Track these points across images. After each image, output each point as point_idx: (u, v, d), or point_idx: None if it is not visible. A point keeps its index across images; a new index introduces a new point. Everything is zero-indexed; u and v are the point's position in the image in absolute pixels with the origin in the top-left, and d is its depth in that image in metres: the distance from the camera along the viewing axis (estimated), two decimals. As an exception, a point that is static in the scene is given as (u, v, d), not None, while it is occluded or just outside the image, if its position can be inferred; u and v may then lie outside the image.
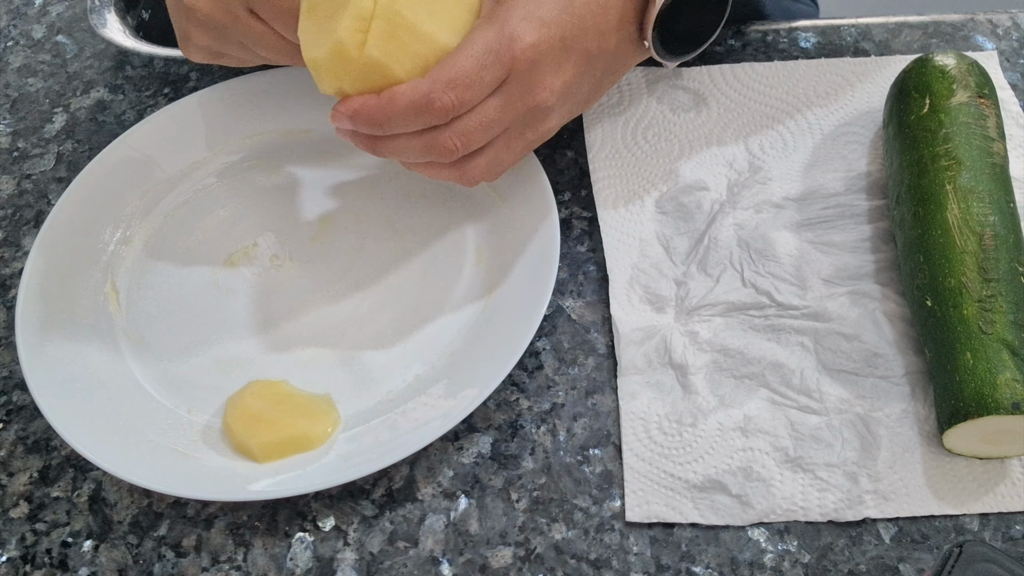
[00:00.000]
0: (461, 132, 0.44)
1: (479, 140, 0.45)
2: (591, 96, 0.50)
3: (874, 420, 0.46)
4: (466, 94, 0.43)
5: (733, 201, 0.54)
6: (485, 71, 0.43)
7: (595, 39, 0.47)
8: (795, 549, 0.44)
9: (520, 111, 0.46)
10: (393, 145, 0.46)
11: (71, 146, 0.62)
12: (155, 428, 0.48)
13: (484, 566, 0.44)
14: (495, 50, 0.43)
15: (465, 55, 0.43)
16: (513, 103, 0.45)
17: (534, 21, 0.44)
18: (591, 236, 0.55)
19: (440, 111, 0.43)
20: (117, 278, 0.54)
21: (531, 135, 0.47)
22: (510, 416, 0.49)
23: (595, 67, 0.48)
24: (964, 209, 0.47)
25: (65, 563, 0.45)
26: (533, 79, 0.45)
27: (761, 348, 0.49)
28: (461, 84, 0.43)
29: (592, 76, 0.48)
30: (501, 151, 0.47)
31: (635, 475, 0.46)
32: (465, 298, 0.52)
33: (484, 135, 0.45)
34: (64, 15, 0.70)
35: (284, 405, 0.47)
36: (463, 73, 0.43)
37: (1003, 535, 0.44)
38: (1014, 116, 0.57)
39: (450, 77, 0.42)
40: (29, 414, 0.50)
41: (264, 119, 0.59)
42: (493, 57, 0.43)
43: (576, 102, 0.49)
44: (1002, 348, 0.43)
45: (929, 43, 0.62)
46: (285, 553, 0.45)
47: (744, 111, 0.59)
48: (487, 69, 0.43)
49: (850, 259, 0.51)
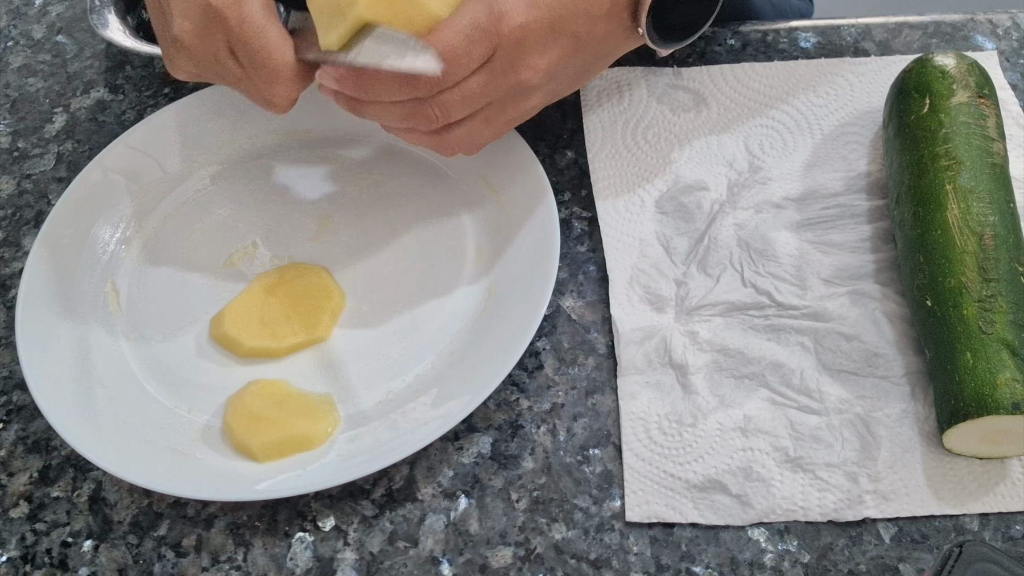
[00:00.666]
0: (442, 103, 0.45)
1: (460, 112, 0.46)
2: (577, 79, 0.50)
3: (874, 420, 0.46)
4: (451, 68, 0.43)
5: (733, 201, 0.54)
6: (472, 46, 0.43)
7: (585, 23, 0.47)
8: (795, 549, 0.44)
9: (503, 88, 0.46)
10: (375, 109, 0.46)
11: (71, 146, 0.62)
12: (155, 428, 0.48)
13: (484, 566, 0.44)
14: (483, 26, 0.43)
15: (453, 29, 0.43)
16: (496, 79, 0.45)
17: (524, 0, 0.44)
18: (591, 236, 0.55)
19: (424, 84, 0.44)
20: (117, 278, 0.54)
21: (512, 112, 0.48)
22: (510, 416, 0.49)
23: (583, 51, 0.48)
24: (964, 209, 0.47)
25: (65, 563, 0.45)
26: (518, 57, 0.45)
27: (761, 348, 0.49)
28: (447, 59, 0.43)
29: (579, 59, 0.48)
30: (481, 125, 0.48)
31: (635, 475, 0.46)
32: (465, 298, 0.52)
33: (465, 108, 0.46)
34: (64, 15, 0.70)
35: (284, 405, 0.47)
36: (450, 47, 0.43)
37: (1003, 535, 0.44)
38: (1014, 116, 0.57)
39: (437, 51, 0.43)
40: (29, 414, 0.50)
41: (264, 120, 0.59)
42: (481, 33, 0.43)
43: (561, 83, 0.49)
44: (1002, 348, 0.43)
45: (929, 43, 0.62)
46: (285, 553, 0.45)
47: (744, 111, 0.59)
48: (474, 45, 0.43)
49: (850, 259, 0.51)
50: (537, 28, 0.45)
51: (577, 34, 0.47)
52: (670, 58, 0.62)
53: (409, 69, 0.43)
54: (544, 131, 0.59)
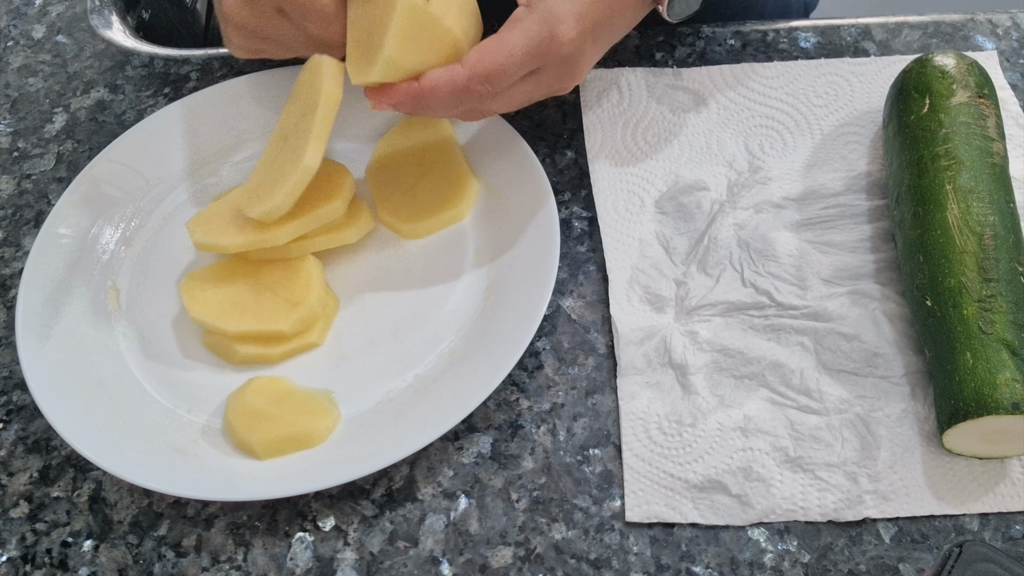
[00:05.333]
0: (487, 108, 0.48)
1: (501, 110, 0.49)
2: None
3: (874, 420, 0.46)
4: (500, 84, 0.45)
5: (733, 201, 0.54)
6: (522, 67, 0.46)
7: (619, 18, 0.50)
8: (795, 549, 0.44)
9: (546, 91, 0.49)
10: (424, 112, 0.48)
11: (71, 146, 0.62)
12: (155, 427, 0.48)
13: (484, 566, 0.44)
14: (536, 50, 0.45)
15: (506, 53, 0.45)
16: (541, 87, 0.48)
17: (572, 17, 0.46)
18: (591, 236, 0.55)
19: (476, 97, 0.46)
20: (117, 278, 0.54)
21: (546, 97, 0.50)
22: (510, 416, 0.49)
23: (614, 40, 0.51)
24: (964, 209, 0.47)
25: (65, 563, 0.45)
26: (564, 69, 0.48)
27: (761, 348, 0.49)
28: (497, 79, 0.45)
29: (609, 46, 0.51)
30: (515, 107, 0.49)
31: (635, 475, 0.46)
32: (465, 298, 0.52)
33: (506, 108, 0.48)
34: (64, 15, 0.70)
35: (285, 402, 0.47)
36: (501, 70, 0.45)
37: (1003, 535, 0.44)
38: (1014, 116, 0.57)
39: (488, 73, 0.45)
40: (29, 414, 0.50)
41: (265, 119, 0.59)
42: (532, 56, 0.45)
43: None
44: (1002, 348, 0.43)
45: (929, 43, 0.62)
46: (285, 553, 0.45)
47: (744, 111, 0.59)
48: (524, 66, 0.46)
49: (850, 259, 0.51)
50: (582, 41, 0.47)
51: (613, 31, 0.50)
52: (670, 58, 0.62)
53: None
54: (544, 131, 0.59)
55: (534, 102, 0.50)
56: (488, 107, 0.47)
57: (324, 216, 0.51)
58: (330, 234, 0.52)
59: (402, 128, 0.57)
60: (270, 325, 0.49)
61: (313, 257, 0.52)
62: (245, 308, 0.50)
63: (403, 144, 0.57)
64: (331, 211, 0.51)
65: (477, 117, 0.50)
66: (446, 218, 0.54)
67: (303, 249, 0.52)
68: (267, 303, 0.50)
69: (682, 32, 0.63)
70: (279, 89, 0.60)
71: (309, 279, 0.51)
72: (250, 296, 0.50)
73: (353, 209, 0.53)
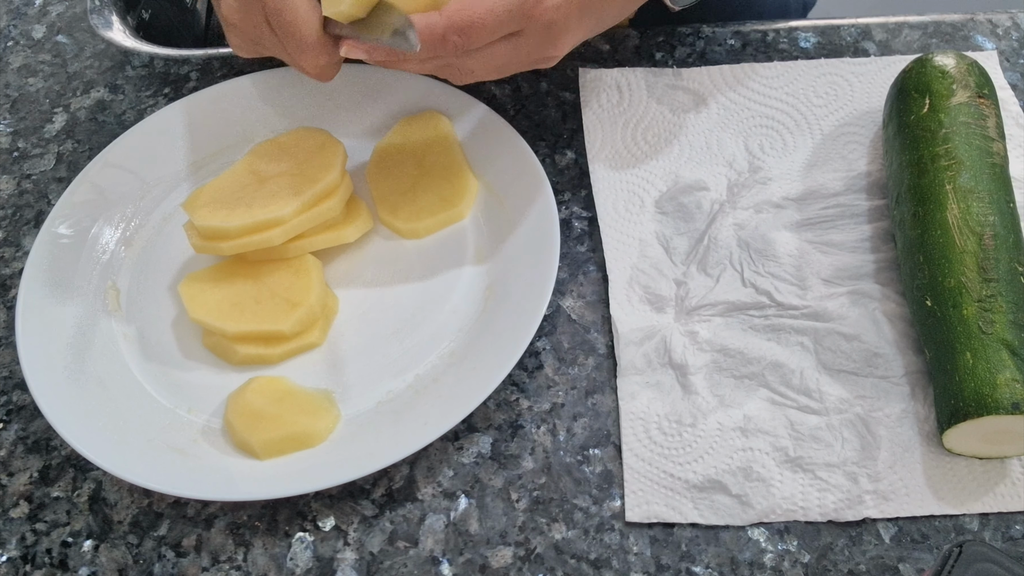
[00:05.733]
0: (466, 66, 0.47)
1: (482, 73, 0.48)
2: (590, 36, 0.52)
3: (874, 420, 0.46)
4: (477, 39, 0.45)
5: (733, 201, 0.54)
6: (501, 25, 0.45)
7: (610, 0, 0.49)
8: (795, 549, 0.44)
9: (526, 59, 0.48)
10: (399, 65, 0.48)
11: (71, 146, 0.62)
12: (155, 427, 0.48)
13: (484, 566, 0.44)
14: (518, 10, 0.45)
15: (487, 7, 0.44)
16: (520, 52, 0.47)
17: None
18: (591, 236, 0.55)
19: (451, 49, 0.45)
20: (117, 278, 0.54)
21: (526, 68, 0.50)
22: (510, 416, 0.49)
23: (604, 23, 0.51)
24: (964, 209, 0.47)
25: (65, 563, 0.45)
26: (546, 38, 0.47)
27: (761, 348, 0.49)
28: (475, 32, 0.44)
29: (598, 29, 0.51)
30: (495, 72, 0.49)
31: (635, 475, 0.46)
32: (465, 298, 0.52)
33: (487, 70, 0.48)
34: (64, 15, 0.70)
35: (285, 401, 0.47)
36: (479, 23, 0.44)
37: (1003, 535, 0.44)
38: (1014, 116, 0.57)
39: (465, 24, 0.44)
40: (29, 414, 0.50)
41: (265, 119, 0.59)
42: (513, 15, 0.45)
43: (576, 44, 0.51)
44: (1002, 348, 0.43)
45: (929, 43, 0.62)
46: (285, 553, 0.45)
47: (744, 111, 0.59)
48: (503, 24, 0.45)
49: (850, 259, 0.51)
50: (567, 12, 0.46)
51: (602, 11, 0.49)
52: (670, 58, 0.62)
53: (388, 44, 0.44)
54: (544, 131, 0.59)
55: (515, 71, 0.49)
56: (465, 64, 0.47)
57: (323, 214, 0.51)
58: (329, 232, 0.52)
59: (402, 127, 0.57)
60: (270, 325, 0.49)
61: (313, 257, 0.52)
62: (245, 308, 0.50)
63: (403, 144, 0.57)
64: (328, 209, 0.51)
65: (455, 77, 0.49)
66: (446, 218, 0.54)
67: (302, 249, 0.52)
68: (267, 303, 0.50)
69: (682, 32, 0.63)
70: (279, 89, 0.60)
71: (309, 279, 0.51)
72: (250, 296, 0.50)
73: (352, 207, 0.53)
